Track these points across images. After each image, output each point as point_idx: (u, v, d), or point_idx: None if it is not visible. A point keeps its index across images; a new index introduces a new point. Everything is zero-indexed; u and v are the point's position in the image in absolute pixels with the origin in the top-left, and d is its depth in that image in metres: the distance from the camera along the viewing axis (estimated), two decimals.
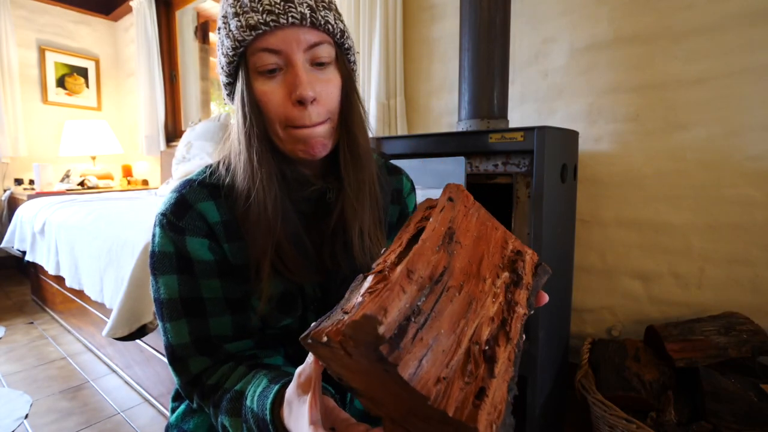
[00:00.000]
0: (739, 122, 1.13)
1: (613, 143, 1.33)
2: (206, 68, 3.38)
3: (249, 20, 0.45)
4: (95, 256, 1.53)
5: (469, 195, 0.41)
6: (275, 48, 0.47)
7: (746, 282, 1.14)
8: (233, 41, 0.47)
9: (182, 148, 2.54)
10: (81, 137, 3.21)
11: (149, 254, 0.52)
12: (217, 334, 0.51)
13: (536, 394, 1.01)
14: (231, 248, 0.51)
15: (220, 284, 0.51)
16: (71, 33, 3.40)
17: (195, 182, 0.52)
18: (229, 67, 0.50)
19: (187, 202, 0.50)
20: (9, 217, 2.75)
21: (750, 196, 1.13)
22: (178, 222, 0.49)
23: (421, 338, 0.27)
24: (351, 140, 0.53)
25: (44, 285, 2.34)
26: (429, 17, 1.75)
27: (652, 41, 1.24)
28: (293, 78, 0.48)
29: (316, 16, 0.47)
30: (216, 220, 0.51)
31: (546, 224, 0.99)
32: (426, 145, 1.15)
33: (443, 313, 0.30)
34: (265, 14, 0.45)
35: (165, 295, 0.50)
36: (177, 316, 0.50)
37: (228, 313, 0.51)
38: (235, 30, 0.46)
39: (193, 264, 0.50)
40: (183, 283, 0.50)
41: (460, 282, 0.32)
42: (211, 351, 0.50)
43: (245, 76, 0.48)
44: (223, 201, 0.52)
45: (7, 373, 1.66)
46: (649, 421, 0.92)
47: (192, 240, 0.49)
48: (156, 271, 0.50)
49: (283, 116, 0.49)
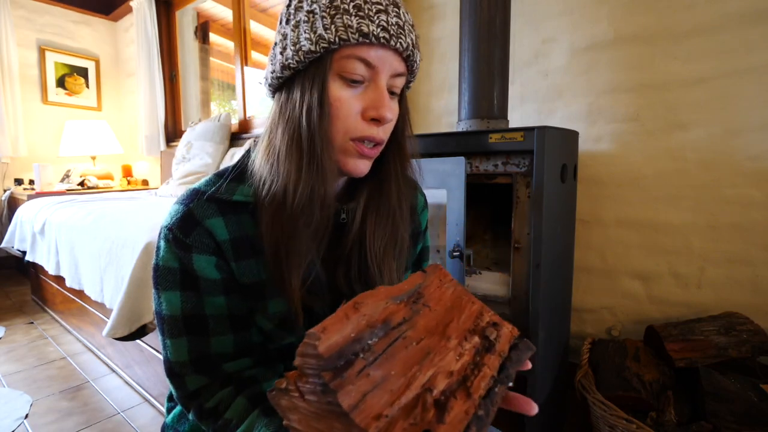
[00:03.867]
0: (739, 122, 1.13)
1: (613, 143, 1.33)
2: (206, 68, 3.38)
3: (362, 26, 0.44)
4: (95, 256, 1.53)
5: (446, 273, 0.43)
6: (371, 61, 0.46)
7: (746, 282, 1.14)
8: (333, 35, 0.44)
9: (182, 148, 2.54)
10: (81, 137, 3.21)
11: (153, 267, 0.50)
12: (218, 352, 0.50)
13: (536, 394, 1.01)
14: (238, 267, 0.50)
15: (225, 301, 0.50)
16: (71, 33, 3.40)
17: (203, 195, 0.50)
18: (301, 59, 0.46)
19: (194, 217, 0.48)
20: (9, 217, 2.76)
21: (750, 196, 1.13)
22: (185, 238, 0.47)
23: (368, 374, 0.29)
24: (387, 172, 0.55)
25: (44, 285, 2.34)
26: (429, 17, 1.75)
27: (652, 41, 1.24)
28: (377, 96, 0.47)
29: (413, 53, 0.49)
30: (224, 237, 0.49)
31: (546, 224, 0.99)
32: (426, 145, 1.14)
33: (395, 357, 0.31)
34: (380, 29, 0.45)
35: (167, 312, 0.49)
36: (177, 334, 0.48)
37: (230, 332, 0.50)
38: (339, 27, 0.44)
39: (198, 281, 0.48)
40: (186, 300, 0.48)
41: (421, 336, 0.34)
42: (209, 369, 0.49)
43: (323, 76, 0.46)
44: (232, 217, 0.50)
45: (7, 373, 1.66)
46: (649, 421, 0.92)
47: (199, 258, 0.48)
48: (159, 285, 0.49)
49: (352, 127, 0.48)
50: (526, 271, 1.03)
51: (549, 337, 1.07)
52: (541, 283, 0.98)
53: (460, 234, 1.00)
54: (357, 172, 0.51)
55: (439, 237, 1.10)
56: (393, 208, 0.55)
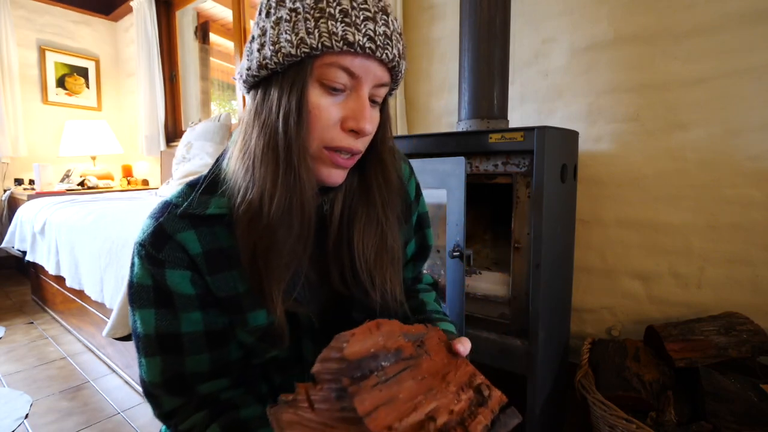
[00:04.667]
0: (739, 122, 1.13)
1: (613, 143, 1.33)
2: (206, 68, 3.37)
3: (347, 34, 0.42)
4: (95, 256, 1.53)
5: (443, 334, 0.45)
6: (355, 71, 0.44)
7: (746, 282, 1.14)
8: (316, 41, 0.42)
9: (182, 148, 2.54)
10: (81, 137, 3.21)
11: (127, 284, 0.48)
12: (193, 372, 0.48)
13: (536, 394, 1.01)
14: (214, 281, 0.48)
15: (201, 317, 0.48)
16: (71, 33, 3.40)
17: (175, 208, 0.47)
18: (280, 61, 0.43)
19: (165, 231, 0.46)
20: (9, 217, 2.76)
21: (750, 196, 1.13)
22: (158, 254, 0.45)
23: (380, 390, 0.31)
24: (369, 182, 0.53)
25: (44, 285, 2.34)
26: (429, 17, 1.75)
27: (652, 41, 1.24)
28: (358, 106, 0.45)
29: (399, 63, 0.47)
30: (197, 251, 0.47)
31: (546, 224, 0.99)
32: (426, 145, 1.15)
33: (404, 383, 0.33)
34: (366, 39, 0.43)
35: (141, 330, 0.47)
36: (152, 353, 0.47)
37: (206, 351, 0.48)
38: (323, 32, 0.42)
39: (173, 297, 0.46)
40: (160, 318, 0.47)
41: (424, 375, 0.36)
42: (183, 390, 0.48)
43: (303, 81, 0.44)
44: (205, 230, 0.47)
45: (7, 373, 1.66)
46: (649, 421, 0.92)
47: (172, 273, 0.46)
48: (133, 303, 0.48)
49: (329, 136, 0.46)
50: (526, 271, 1.03)
51: (549, 337, 1.07)
52: (541, 283, 0.98)
53: (460, 234, 1.00)
54: (330, 182, 0.49)
55: (439, 237, 1.10)
56: (380, 218, 0.53)
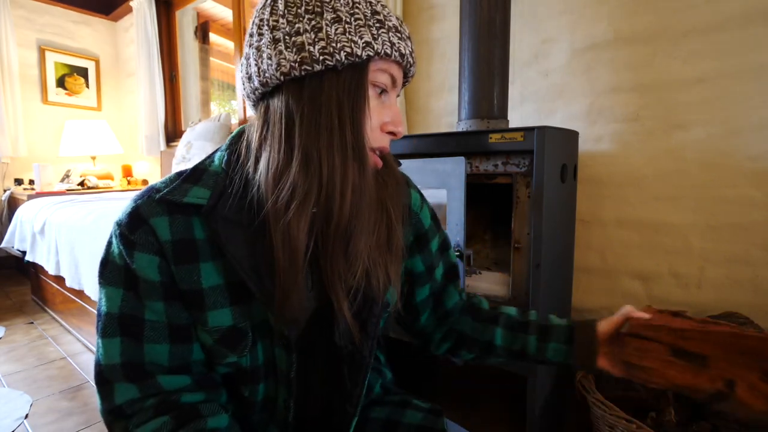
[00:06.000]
0: (739, 122, 1.13)
1: (613, 143, 1.33)
2: (206, 68, 3.38)
3: (401, 47, 0.47)
4: (95, 256, 1.53)
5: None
6: (396, 77, 0.49)
7: (746, 282, 1.14)
8: (380, 47, 0.45)
9: (182, 148, 2.54)
10: (81, 137, 3.21)
11: (101, 261, 0.48)
12: (151, 361, 0.46)
13: (536, 394, 1.01)
14: (178, 271, 0.46)
15: (164, 307, 0.47)
16: (71, 33, 3.40)
17: (156, 193, 0.47)
18: (341, 59, 0.43)
19: (140, 215, 0.46)
20: (9, 217, 2.76)
21: (750, 196, 1.13)
22: (131, 235, 0.45)
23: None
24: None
25: (44, 285, 2.34)
26: (429, 17, 1.75)
27: (652, 41, 1.24)
28: (395, 111, 0.50)
29: (413, 71, 0.52)
30: (167, 238, 0.46)
31: (546, 224, 0.99)
32: (426, 145, 1.15)
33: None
34: (408, 51, 0.48)
35: (104, 308, 0.46)
36: (112, 334, 0.46)
37: (167, 341, 0.47)
38: (384, 42, 0.45)
39: (138, 282, 0.46)
40: (126, 299, 0.46)
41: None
42: (140, 379, 0.46)
43: (364, 81, 0.46)
44: (180, 218, 0.47)
45: (7, 373, 1.66)
46: (649, 421, 0.92)
47: (141, 256, 0.45)
48: (102, 279, 0.47)
49: (372, 136, 0.48)
50: (526, 271, 1.03)
51: None
52: (541, 283, 0.98)
53: (460, 234, 1.00)
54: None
55: None
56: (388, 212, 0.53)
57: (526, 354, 0.60)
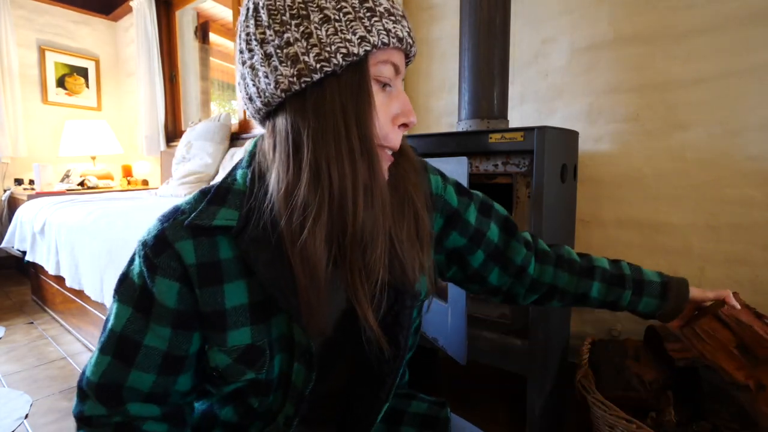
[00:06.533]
0: (739, 122, 1.13)
1: (613, 143, 1.33)
2: (206, 68, 3.38)
3: (397, 30, 0.43)
4: (95, 255, 1.53)
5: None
6: (398, 65, 0.45)
7: (746, 282, 1.14)
8: (376, 38, 0.42)
9: (182, 148, 2.54)
10: (81, 137, 3.21)
11: (120, 276, 0.48)
12: (132, 387, 0.47)
13: (536, 394, 1.01)
14: (202, 294, 0.46)
15: (169, 335, 0.47)
16: (71, 33, 3.40)
17: (182, 215, 0.47)
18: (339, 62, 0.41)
19: (166, 238, 0.46)
20: (9, 217, 2.76)
21: (750, 196, 1.13)
22: (155, 258, 0.45)
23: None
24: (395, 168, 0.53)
25: (44, 285, 2.34)
26: (429, 17, 1.75)
27: (652, 41, 1.24)
28: (402, 100, 0.46)
29: (414, 50, 0.48)
30: (191, 262, 0.46)
31: (546, 224, 0.99)
32: (426, 145, 1.15)
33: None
34: (406, 32, 0.44)
35: (111, 324, 0.47)
36: (107, 351, 0.47)
37: (154, 372, 0.47)
38: (380, 30, 0.42)
39: (153, 304, 0.46)
40: (131, 320, 0.46)
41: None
42: (112, 405, 0.47)
43: (366, 80, 0.43)
44: (204, 240, 0.46)
45: (7, 373, 1.66)
46: (649, 421, 0.92)
47: (162, 281, 0.45)
48: (117, 294, 0.48)
49: (383, 133, 0.45)
50: None
51: (549, 337, 1.06)
52: None
53: None
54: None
55: None
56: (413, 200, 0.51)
57: (618, 305, 0.65)
